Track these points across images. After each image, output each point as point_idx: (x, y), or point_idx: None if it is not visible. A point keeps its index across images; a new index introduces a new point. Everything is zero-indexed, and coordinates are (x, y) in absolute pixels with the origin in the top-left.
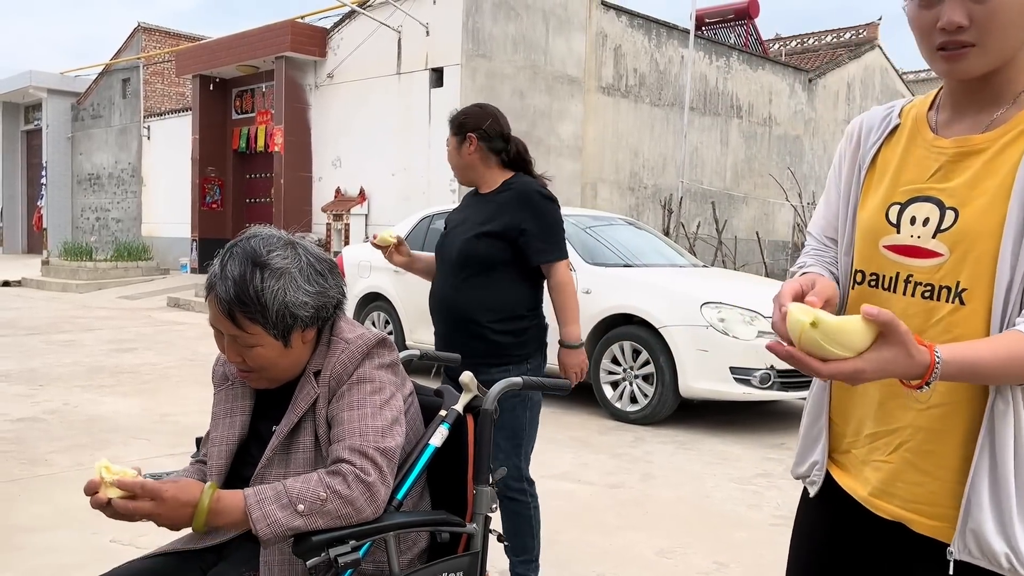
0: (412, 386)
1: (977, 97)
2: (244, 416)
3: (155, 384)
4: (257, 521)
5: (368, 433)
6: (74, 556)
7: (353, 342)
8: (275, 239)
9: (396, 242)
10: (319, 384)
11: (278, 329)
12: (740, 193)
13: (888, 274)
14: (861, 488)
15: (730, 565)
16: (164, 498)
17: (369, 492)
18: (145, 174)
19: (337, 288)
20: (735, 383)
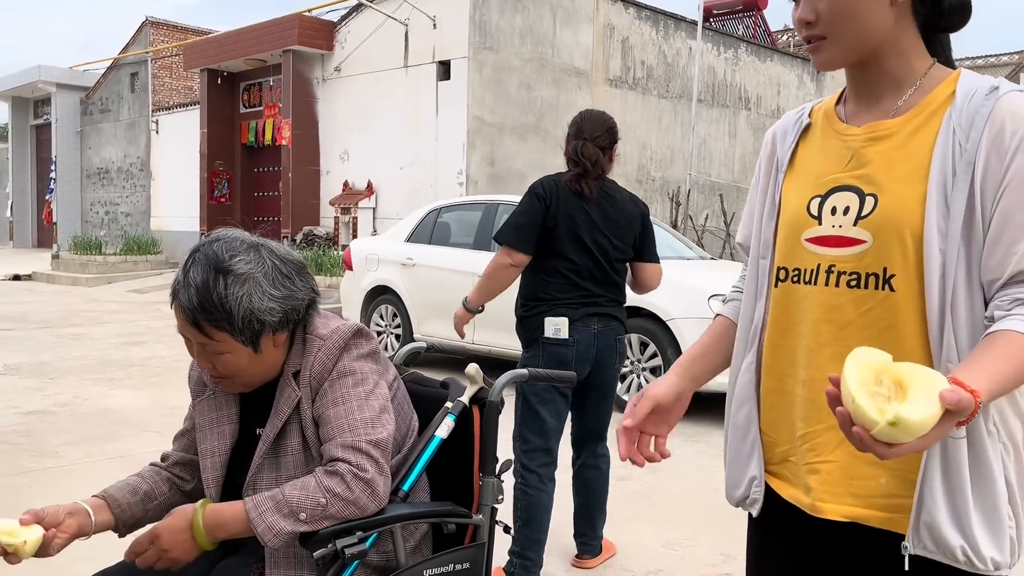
0: (396, 371)
1: (875, 86)
2: (232, 424)
3: (164, 377)
4: (263, 534)
5: (358, 427)
6: (84, 549)
7: (329, 338)
8: (238, 243)
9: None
10: (299, 385)
11: (245, 335)
12: (748, 186)
13: (809, 267)
14: (804, 495)
15: (737, 557)
16: (159, 534)
17: (370, 488)
18: (154, 168)
19: (306, 289)
20: None
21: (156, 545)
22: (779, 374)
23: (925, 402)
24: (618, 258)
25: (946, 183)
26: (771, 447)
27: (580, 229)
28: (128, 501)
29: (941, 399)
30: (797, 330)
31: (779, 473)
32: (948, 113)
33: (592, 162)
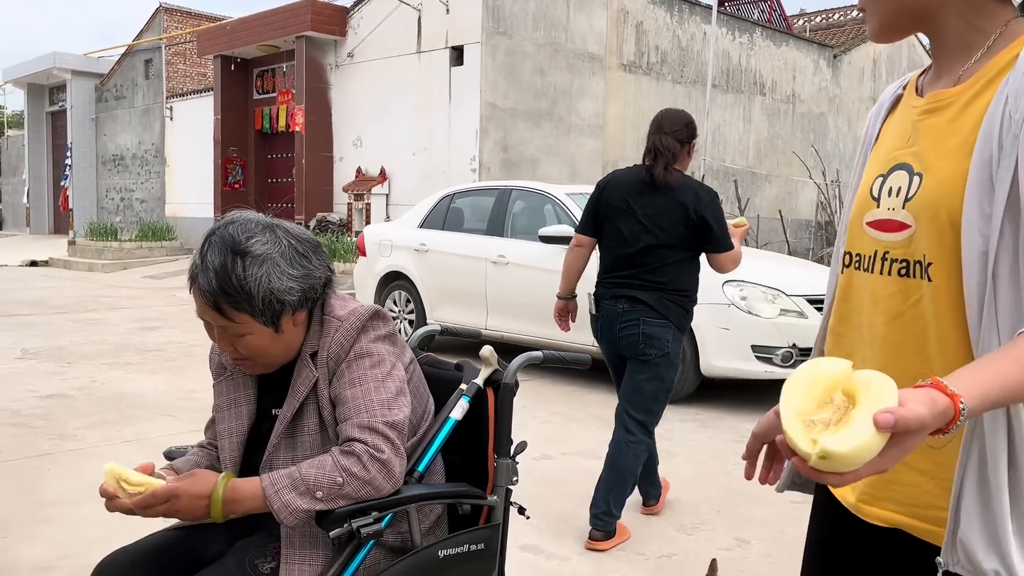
0: (412, 354)
1: (944, 51)
2: (250, 405)
3: (180, 362)
4: (279, 511)
5: (374, 408)
6: (102, 529)
7: (346, 319)
8: (254, 224)
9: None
10: (316, 366)
11: (266, 316)
12: (763, 171)
13: (867, 253)
14: (849, 493)
15: (751, 542)
16: (179, 495)
17: (386, 469)
18: (168, 155)
19: (323, 267)
20: (757, 361)
21: (171, 503)
22: None
23: (861, 427)
24: (655, 244)
25: (992, 159)
26: None
27: (620, 217)
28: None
29: (875, 423)
30: (854, 320)
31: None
32: (1006, 79)
33: (672, 153)
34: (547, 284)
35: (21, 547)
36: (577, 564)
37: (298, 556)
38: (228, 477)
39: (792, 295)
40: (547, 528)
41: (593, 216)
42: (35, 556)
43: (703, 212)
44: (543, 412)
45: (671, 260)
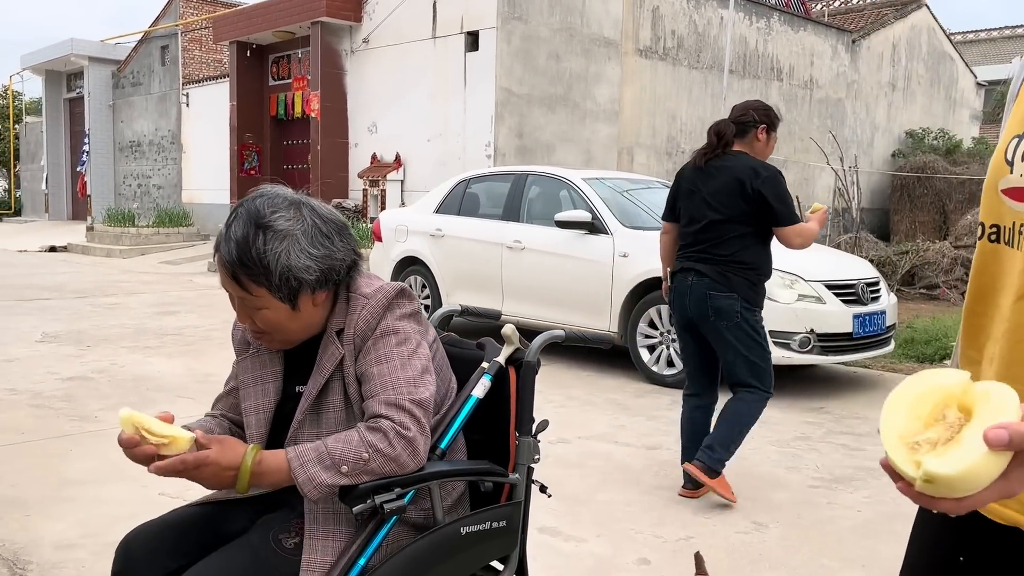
0: (435, 333)
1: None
2: (276, 382)
3: (198, 346)
4: (303, 484)
5: (400, 385)
6: (124, 507)
7: (373, 296)
8: (280, 199)
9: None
10: (343, 343)
11: (283, 292)
12: (779, 157)
13: (1006, 225)
14: None
15: (768, 525)
16: (207, 462)
17: (411, 447)
18: (184, 141)
19: (346, 250)
20: (774, 347)
21: (199, 471)
22: (978, 345)
23: (971, 446)
24: (718, 220)
25: None
26: None
27: (686, 198)
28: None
29: (985, 440)
30: (992, 299)
31: None
32: None
33: (719, 136)
34: (563, 269)
35: (44, 525)
36: (594, 546)
37: (321, 532)
38: (256, 449)
39: (810, 280)
40: (564, 511)
41: (672, 202)
42: (58, 534)
43: (760, 187)
44: (559, 396)
45: (733, 234)
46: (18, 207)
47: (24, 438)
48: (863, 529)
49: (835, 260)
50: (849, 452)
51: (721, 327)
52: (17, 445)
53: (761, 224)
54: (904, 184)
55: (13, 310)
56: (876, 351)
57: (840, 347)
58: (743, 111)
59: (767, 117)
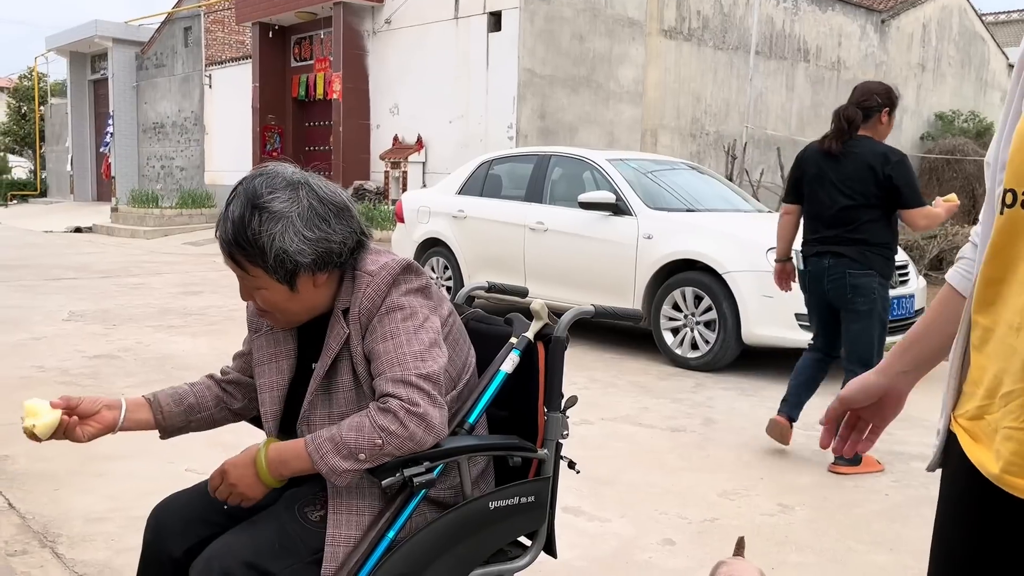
0: (451, 307)
1: None
2: (290, 359)
3: (221, 325)
4: (328, 475)
5: (407, 361)
6: (152, 483)
7: (377, 273)
8: (279, 179)
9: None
10: (348, 322)
11: (280, 274)
12: (805, 139)
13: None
14: (992, 463)
15: (795, 508)
16: (226, 469)
17: (424, 422)
18: (207, 122)
19: (345, 232)
20: (800, 330)
21: (224, 480)
22: (993, 314)
23: None
24: (851, 205)
25: None
26: (969, 397)
27: (814, 182)
28: (171, 409)
29: None
30: (1020, 267)
31: (972, 431)
32: None
33: (848, 122)
34: (586, 251)
35: (74, 499)
36: (618, 526)
37: (345, 506)
38: (270, 442)
39: None
40: (588, 491)
41: (795, 186)
42: (88, 507)
43: (891, 172)
44: (582, 379)
45: (868, 218)
46: (44, 188)
47: None
48: (891, 512)
49: None
50: None
51: (858, 303)
52: None
53: (890, 206)
54: (933, 167)
55: (40, 289)
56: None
57: None
58: (866, 95)
59: (889, 100)
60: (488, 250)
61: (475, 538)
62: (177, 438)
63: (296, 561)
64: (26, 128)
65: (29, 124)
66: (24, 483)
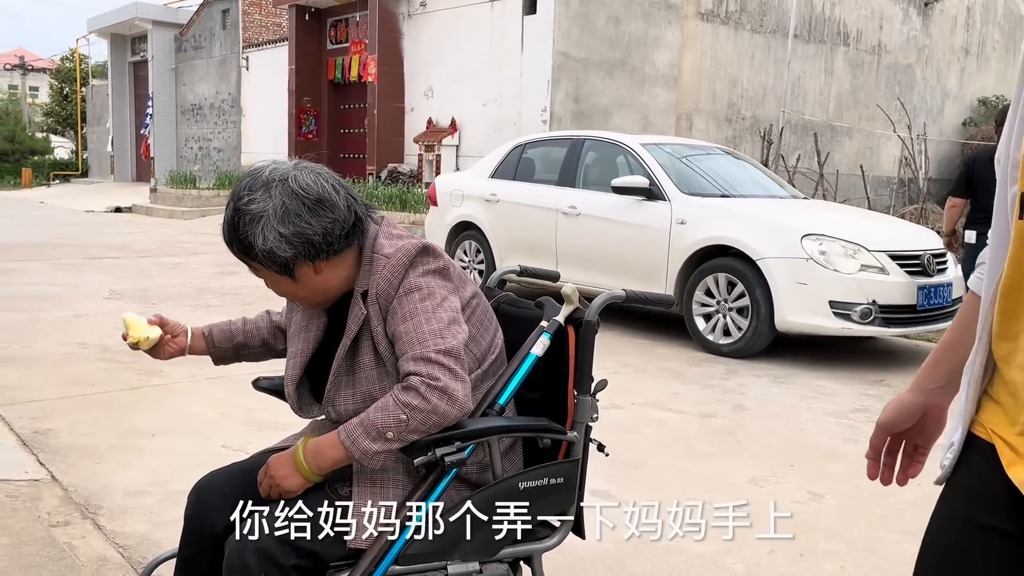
0: (475, 288)
1: None
2: (319, 332)
3: (258, 304)
4: (361, 459)
5: (426, 339)
6: (189, 458)
7: (393, 256)
8: (258, 180)
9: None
10: (367, 304)
11: (274, 267)
12: (844, 125)
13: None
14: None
15: (825, 496)
16: (269, 466)
17: (446, 395)
18: (244, 104)
19: (324, 223)
20: (834, 318)
21: (268, 475)
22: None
23: None
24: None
25: None
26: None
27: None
28: (222, 345)
29: None
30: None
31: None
32: None
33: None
34: (619, 236)
35: (114, 473)
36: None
37: (368, 479)
38: (308, 438)
39: (874, 251)
40: (617, 475)
41: (967, 184)
42: (127, 481)
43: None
44: (613, 363)
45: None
46: (85, 168)
47: (95, 390)
48: (923, 502)
49: (900, 230)
50: None
51: None
52: (89, 396)
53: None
54: None
55: (82, 268)
56: (941, 324)
57: (903, 319)
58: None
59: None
60: (520, 234)
61: None
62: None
63: (328, 535)
64: (68, 109)
65: (71, 105)
66: (67, 456)
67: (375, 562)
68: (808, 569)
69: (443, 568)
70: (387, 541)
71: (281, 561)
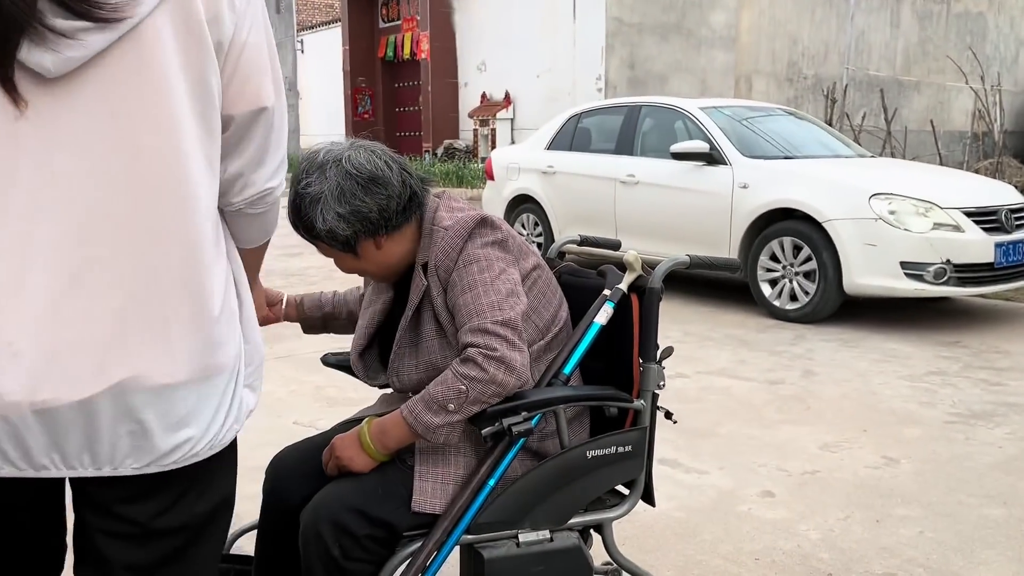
0: (537, 260)
1: None
2: (385, 304)
3: (321, 284)
4: (424, 434)
5: (484, 311)
6: (263, 435)
7: (452, 228)
8: (314, 163)
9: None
10: (427, 276)
11: (336, 245)
12: (912, 79)
13: None
14: None
15: (900, 461)
16: (334, 444)
17: (504, 364)
18: (301, 87)
19: (379, 200)
20: (906, 279)
21: (333, 455)
22: None
23: None
24: None
25: None
26: None
27: None
28: (312, 313)
29: None
30: None
31: None
32: None
33: None
34: (679, 202)
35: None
36: (716, 478)
37: (433, 451)
38: (369, 421)
39: (947, 208)
40: (684, 444)
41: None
42: None
43: None
44: (677, 332)
45: None
46: None
47: None
48: (1005, 466)
49: (975, 185)
50: (989, 387)
51: None
52: None
53: None
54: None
55: None
56: (1021, 282)
57: (980, 278)
58: None
59: None
60: (578, 205)
61: (573, 487)
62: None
63: (400, 505)
64: None
65: None
66: None
67: (447, 531)
68: (885, 535)
69: (514, 536)
70: (458, 510)
71: (355, 531)
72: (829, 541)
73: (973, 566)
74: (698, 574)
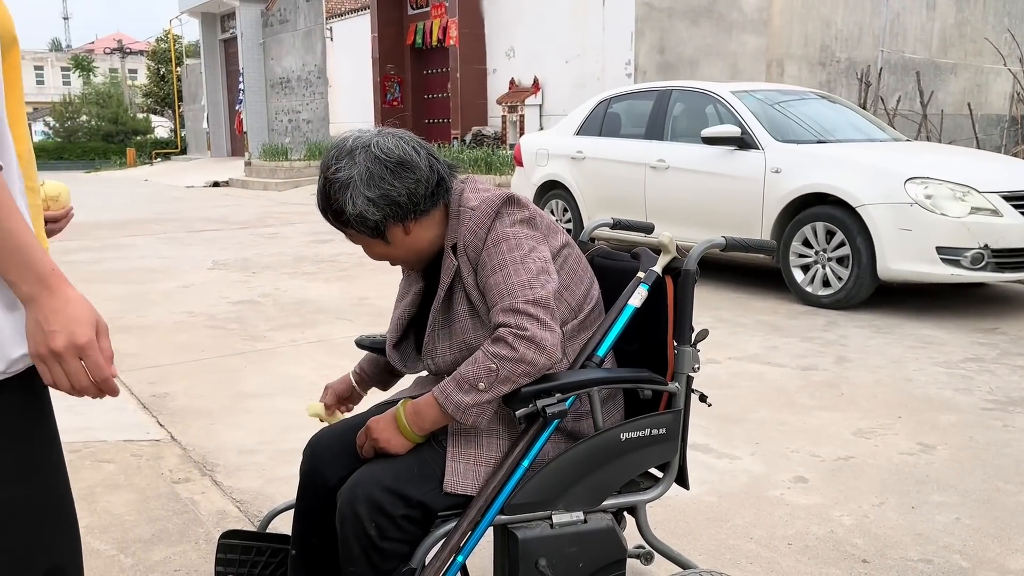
0: (566, 237)
1: None
2: (416, 295)
3: (352, 271)
4: (455, 414)
5: (515, 291)
6: (295, 418)
7: (479, 207)
8: (343, 149)
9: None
10: (457, 256)
11: (366, 230)
12: (949, 61)
13: None
14: None
15: (936, 447)
16: (370, 427)
17: (534, 344)
18: (330, 75)
19: (408, 184)
20: (942, 264)
21: (369, 437)
22: None
23: None
24: None
25: None
26: None
27: None
28: (374, 372)
29: None
30: None
31: None
32: None
33: None
34: (710, 188)
35: (228, 432)
36: (748, 463)
37: (465, 432)
38: (404, 403)
39: (985, 192)
40: (716, 429)
41: None
42: (240, 440)
43: None
44: (708, 318)
45: None
46: (184, 146)
47: (204, 355)
48: None
49: (1013, 169)
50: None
51: None
52: (199, 361)
53: None
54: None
55: (186, 241)
56: None
57: (1019, 263)
58: None
59: None
60: (608, 190)
61: (607, 468)
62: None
63: (435, 486)
64: (165, 89)
65: (168, 85)
66: (183, 418)
67: (482, 511)
68: (920, 521)
69: (548, 517)
70: (493, 491)
71: (391, 511)
72: (863, 527)
73: (1010, 552)
74: (731, 559)
